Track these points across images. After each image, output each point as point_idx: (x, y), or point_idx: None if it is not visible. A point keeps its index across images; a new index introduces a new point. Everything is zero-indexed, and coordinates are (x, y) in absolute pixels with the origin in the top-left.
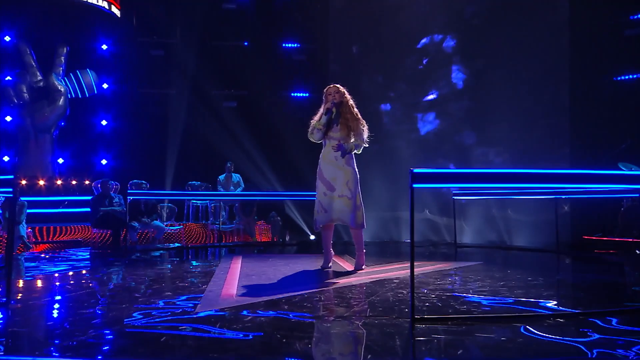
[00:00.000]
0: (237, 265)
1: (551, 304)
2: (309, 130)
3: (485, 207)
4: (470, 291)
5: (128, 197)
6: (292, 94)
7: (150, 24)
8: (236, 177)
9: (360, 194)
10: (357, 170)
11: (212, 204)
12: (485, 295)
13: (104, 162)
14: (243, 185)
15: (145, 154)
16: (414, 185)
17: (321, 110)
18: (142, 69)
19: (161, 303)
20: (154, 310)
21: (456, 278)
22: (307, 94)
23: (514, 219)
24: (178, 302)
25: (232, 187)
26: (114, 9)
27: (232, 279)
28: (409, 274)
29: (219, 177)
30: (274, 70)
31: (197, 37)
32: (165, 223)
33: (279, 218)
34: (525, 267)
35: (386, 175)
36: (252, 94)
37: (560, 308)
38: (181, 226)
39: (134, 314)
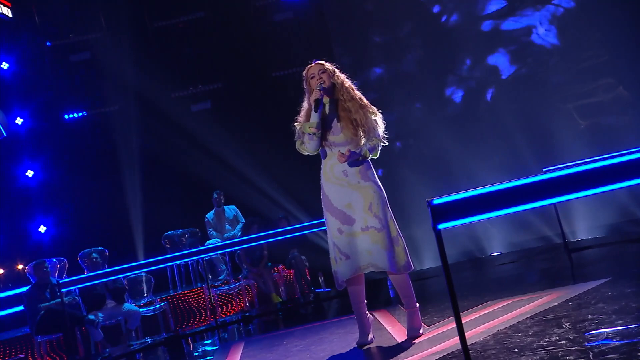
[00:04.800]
0: None
1: None
2: (296, 138)
3: None
4: (593, 355)
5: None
6: (287, 71)
7: (60, 19)
8: (231, 210)
9: (394, 219)
10: (381, 184)
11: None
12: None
13: (42, 229)
14: (243, 220)
15: (98, 207)
16: (440, 227)
17: (305, 104)
18: (65, 85)
19: None
20: None
21: (568, 324)
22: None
23: None
24: None
25: (227, 227)
26: (3, 9)
27: None
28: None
29: (207, 215)
30: (252, 42)
31: (131, 21)
32: (141, 302)
33: (303, 257)
34: None
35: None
36: (229, 84)
37: None
38: (165, 302)
39: None
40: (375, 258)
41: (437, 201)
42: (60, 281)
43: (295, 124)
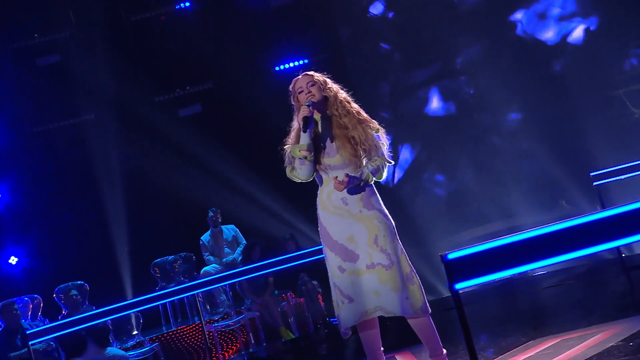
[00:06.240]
0: None
1: None
2: (286, 164)
3: None
4: None
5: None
6: (286, 65)
7: (23, 17)
8: (229, 231)
9: (406, 253)
10: (387, 213)
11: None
12: None
13: (13, 261)
14: (244, 242)
15: (76, 233)
16: (458, 287)
17: (295, 123)
18: (33, 93)
19: None
20: None
21: None
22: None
23: None
24: None
25: (226, 250)
26: None
27: None
28: None
29: (202, 237)
30: (246, 34)
31: (104, 15)
32: (128, 344)
33: (315, 282)
34: None
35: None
36: (222, 83)
37: None
38: (156, 343)
39: None
40: (384, 301)
41: (452, 255)
42: (28, 331)
43: (285, 147)
